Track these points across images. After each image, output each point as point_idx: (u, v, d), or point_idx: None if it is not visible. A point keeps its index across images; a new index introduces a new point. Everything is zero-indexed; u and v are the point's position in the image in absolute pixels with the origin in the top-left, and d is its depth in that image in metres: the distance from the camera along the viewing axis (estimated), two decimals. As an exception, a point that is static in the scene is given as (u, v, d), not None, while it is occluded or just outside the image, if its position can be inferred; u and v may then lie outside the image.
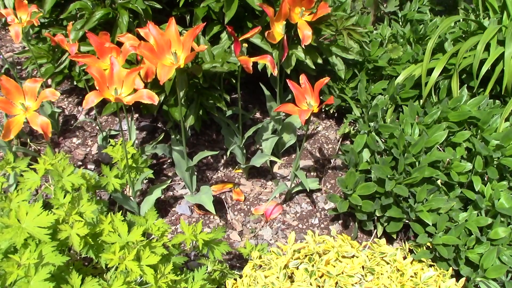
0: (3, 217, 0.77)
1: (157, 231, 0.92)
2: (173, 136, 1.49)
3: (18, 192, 0.87)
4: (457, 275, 1.20)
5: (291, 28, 1.39)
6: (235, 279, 0.99)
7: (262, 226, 1.48)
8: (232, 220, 1.50)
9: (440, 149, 1.40)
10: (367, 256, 0.94)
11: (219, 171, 1.65)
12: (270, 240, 1.45)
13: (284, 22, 1.23)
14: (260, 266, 0.98)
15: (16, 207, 0.82)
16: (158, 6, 1.33)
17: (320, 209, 1.55)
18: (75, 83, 1.63)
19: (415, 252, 1.22)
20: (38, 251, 0.75)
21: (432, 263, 1.16)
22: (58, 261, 0.76)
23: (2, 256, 0.78)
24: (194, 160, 1.40)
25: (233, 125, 1.50)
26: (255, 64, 1.41)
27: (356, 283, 0.86)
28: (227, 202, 1.55)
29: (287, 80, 1.13)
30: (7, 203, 0.84)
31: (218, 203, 1.54)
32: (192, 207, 1.52)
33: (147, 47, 0.99)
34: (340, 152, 1.72)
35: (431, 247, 1.21)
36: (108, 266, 0.82)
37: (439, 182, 1.32)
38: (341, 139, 1.79)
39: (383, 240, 0.99)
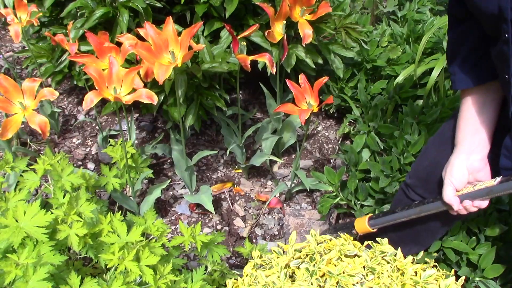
0: (0, 217, 0.76)
1: (156, 231, 0.92)
2: (172, 136, 1.48)
3: (16, 192, 0.86)
4: (456, 275, 1.19)
5: (291, 27, 1.38)
6: (236, 279, 0.98)
7: (264, 214, 1.48)
8: (234, 206, 1.50)
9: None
10: (368, 255, 0.94)
11: (219, 171, 1.65)
12: (272, 228, 1.46)
13: (284, 22, 1.22)
14: (261, 265, 0.98)
15: (13, 206, 0.82)
16: (158, 4, 1.33)
17: (320, 209, 1.54)
18: (75, 82, 1.63)
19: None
20: (37, 251, 0.75)
21: (435, 264, 1.16)
22: (57, 260, 0.75)
23: (1, 256, 0.77)
24: (193, 160, 1.40)
25: (233, 124, 1.50)
26: (255, 64, 1.41)
27: (357, 282, 0.85)
28: (227, 195, 1.56)
29: (287, 80, 1.12)
30: (5, 202, 0.84)
31: (218, 202, 1.54)
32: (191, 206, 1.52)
33: (144, 46, 0.98)
34: (340, 152, 1.71)
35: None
36: (107, 266, 0.81)
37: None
38: (341, 139, 1.78)
39: (385, 240, 0.99)
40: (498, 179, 0.80)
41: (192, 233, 0.96)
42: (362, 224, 1.10)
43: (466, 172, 0.84)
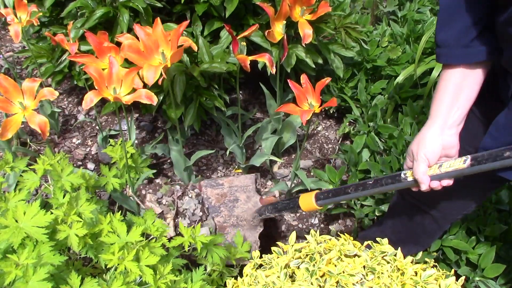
0: (0, 217, 0.76)
1: (156, 231, 0.92)
2: (170, 137, 1.48)
3: (16, 192, 0.86)
4: (456, 276, 1.19)
5: (291, 27, 1.38)
6: (236, 279, 0.98)
7: (178, 197, 1.41)
8: (147, 205, 1.40)
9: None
10: (368, 255, 0.94)
11: (218, 171, 1.65)
12: (195, 210, 1.40)
13: (284, 22, 1.22)
14: (261, 265, 0.98)
15: (13, 207, 0.82)
16: (158, 4, 1.33)
17: (320, 209, 1.54)
18: (75, 82, 1.62)
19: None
20: (37, 251, 0.75)
21: (435, 263, 1.16)
22: (56, 261, 0.75)
23: (1, 256, 0.77)
24: (192, 160, 1.40)
25: (232, 124, 1.50)
26: (255, 64, 1.41)
27: (357, 282, 0.85)
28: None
29: (288, 80, 1.12)
30: (5, 202, 0.84)
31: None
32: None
33: (132, 49, 0.99)
34: (340, 152, 1.71)
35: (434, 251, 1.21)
36: (107, 266, 0.81)
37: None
38: (341, 139, 1.78)
39: (385, 240, 0.99)
40: (468, 161, 0.76)
41: (192, 234, 0.96)
42: (308, 203, 1.06)
43: (441, 146, 0.78)
